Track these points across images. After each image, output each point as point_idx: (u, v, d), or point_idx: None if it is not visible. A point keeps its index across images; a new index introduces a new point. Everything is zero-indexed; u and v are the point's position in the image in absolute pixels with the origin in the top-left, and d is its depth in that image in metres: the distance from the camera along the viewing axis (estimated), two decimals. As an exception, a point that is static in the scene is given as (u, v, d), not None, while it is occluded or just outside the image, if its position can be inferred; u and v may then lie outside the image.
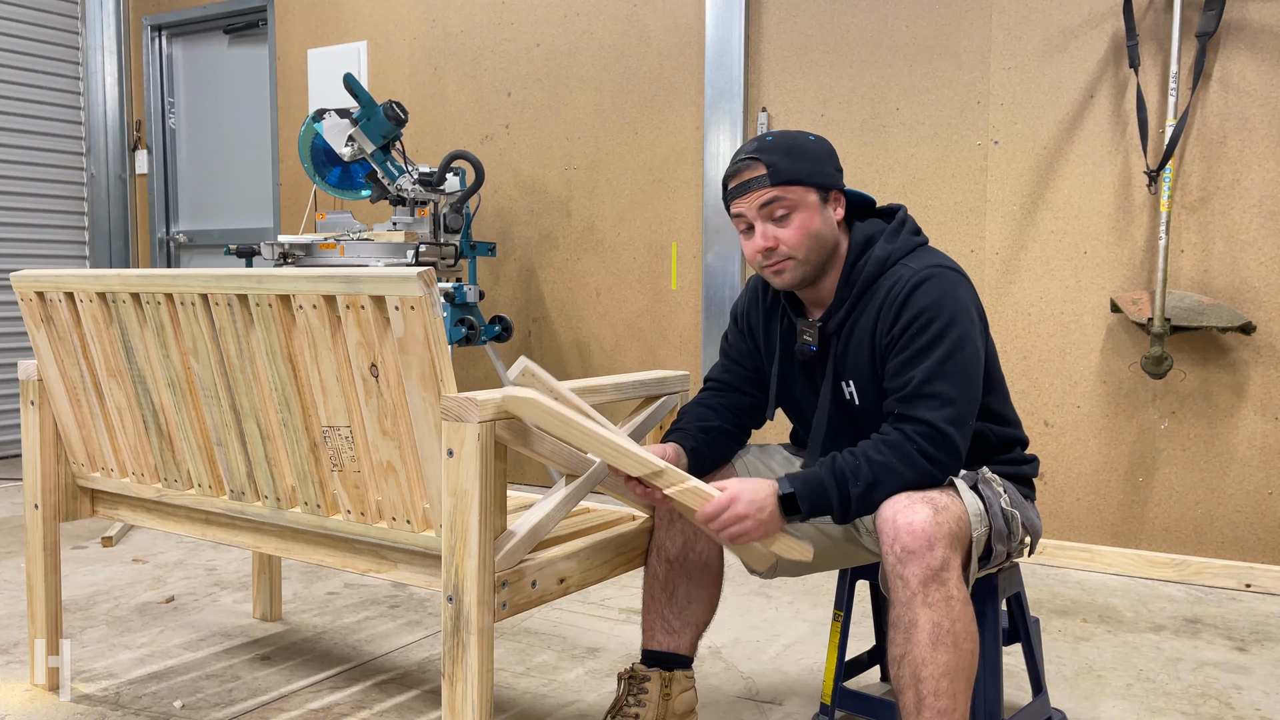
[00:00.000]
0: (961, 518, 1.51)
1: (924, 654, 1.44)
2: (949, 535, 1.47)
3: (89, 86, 5.43)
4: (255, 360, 1.69)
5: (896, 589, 1.47)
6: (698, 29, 3.89)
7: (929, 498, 1.50)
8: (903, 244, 1.69)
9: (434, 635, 2.55)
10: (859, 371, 1.69)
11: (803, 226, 1.64)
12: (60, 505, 2.15)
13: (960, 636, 1.44)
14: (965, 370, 1.58)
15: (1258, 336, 3.05)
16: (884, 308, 1.64)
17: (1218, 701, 2.20)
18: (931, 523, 1.46)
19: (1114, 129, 3.21)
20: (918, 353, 1.58)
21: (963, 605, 1.45)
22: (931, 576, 1.44)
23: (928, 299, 1.59)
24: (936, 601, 1.44)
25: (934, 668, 1.43)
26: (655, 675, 1.77)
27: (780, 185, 1.63)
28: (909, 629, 1.45)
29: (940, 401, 1.55)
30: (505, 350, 4.36)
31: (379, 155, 3.67)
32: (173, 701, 2.12)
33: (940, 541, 1.45)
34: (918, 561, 1.44)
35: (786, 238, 1.65)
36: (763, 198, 1.64)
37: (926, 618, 1.44)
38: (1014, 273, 3.36)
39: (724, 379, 1.88)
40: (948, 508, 1.50)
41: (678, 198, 3.97)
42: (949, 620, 1.44)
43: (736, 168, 1.67)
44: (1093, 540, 3.28)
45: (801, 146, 1.66)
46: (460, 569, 1.48)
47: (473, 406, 1.43)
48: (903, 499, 1.50)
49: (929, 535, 1.45)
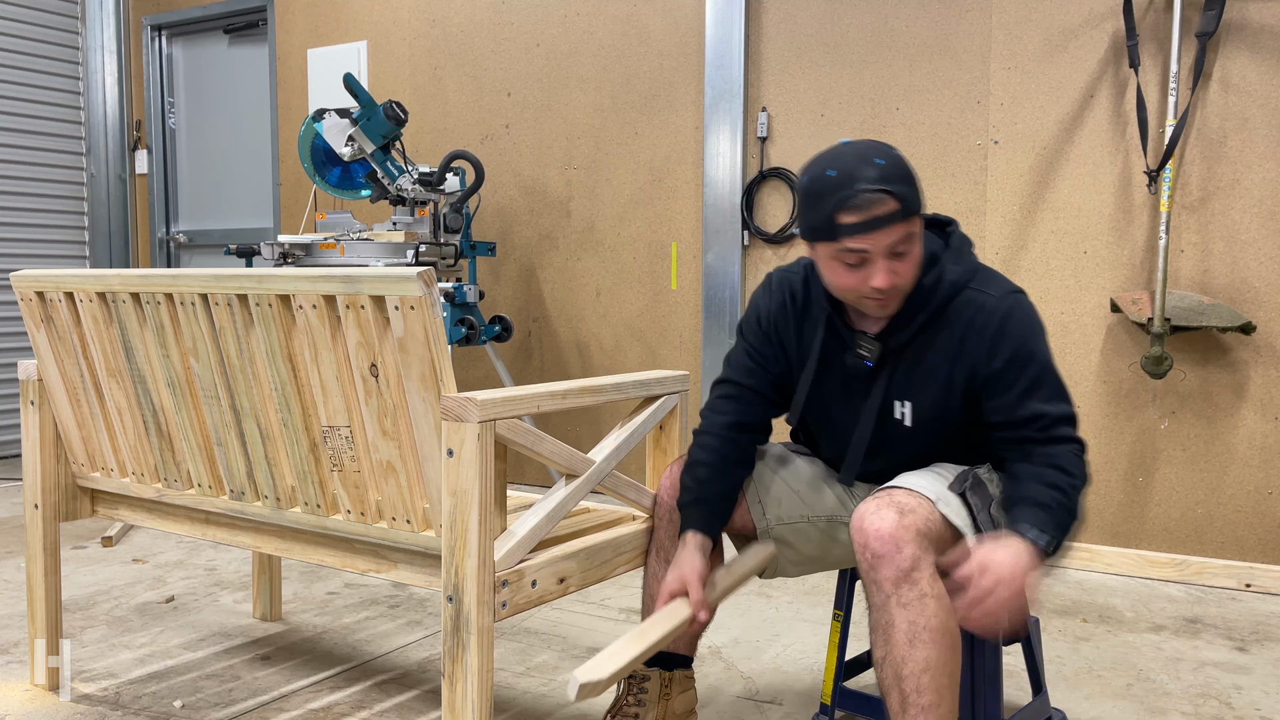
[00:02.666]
0: (929, 515, 1.52)
1: (902, 653, 1.45)
2: (916, 535, 1.48)
3: (89, 86, 5.43)
4: (255, 360, 1.69)
5: (871, 593, 1.49)
6: (698, 29, 3.89)
7: (895, 501, 1.51)
8: (968, 266, 1.65)
9: (434, 635, 2.55)
10: (922, 394, 1.65)
11: (916, 259, 1.57)
12: (60, 505, 2.15)
13: (938, 632, 1.45)
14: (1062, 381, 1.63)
15: (1258, 336, 3.05)
16: (968, 338, 1.61)
17: (1218, 701, 2.20)
18: (898, 525, 1.47)
19: (1114, 129, 3.21)
20: (1032, 385, 1.59)
21: (937, 601, 1.46)
22: (902, 577, 1.45)
23: (1024, 329, 1.61)
24: (910, 600, 1.45)
25: (913, 665, 1.44)
26: (655, 675, 1.77)
27: (910, 218, 1.53)
28: (886, 630, 1.46)
29: (1070, 420, 1.60)
30: (505, 350, 4.36)
31: (379, 155, 3.67)
32: (173, 701, 2.12)
33: (908, 542, 1.46)
34: (888, 564, 1.46)
35: (905, 271, 1.56)
36: (896, 235, 1.51)
37: (902, 617, 1.45)
38: (1014, 273, 3.36)
39: (748, 384, 1.80)
40: (914, 509, 1.51)
41: (678, 198, 3.97)
42: (924, 617, 1.44)
43: (861, 199, 1.49)
44: (1093, 540, 3.28)
45: (911, 171, 1.56)
46: (460, 569, 1.48)
47: (473, 406, 1.43)
48: (869, 505, 1.52)
49: (895, 538, 1.46)
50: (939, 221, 1.72)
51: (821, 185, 1.53)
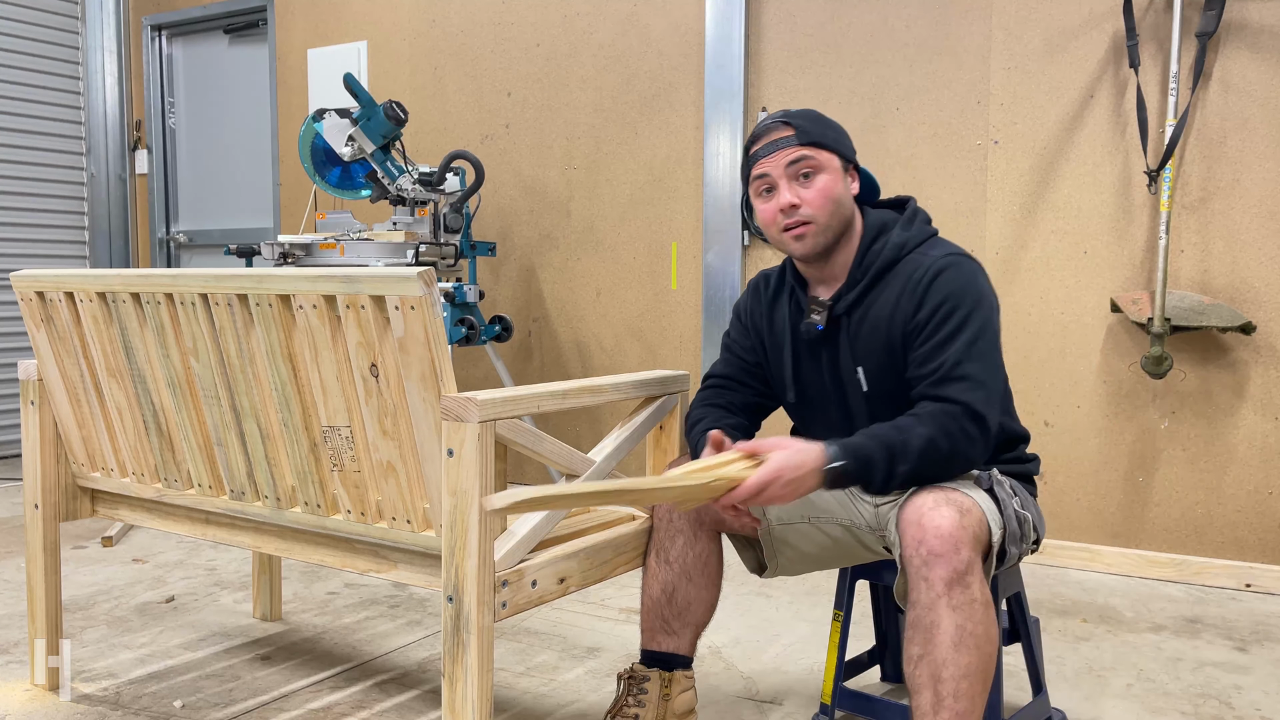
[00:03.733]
0: (982, 520, 1.51)
1: (946, 655, 1.42)
2: (973, 538, 1.46)
3: (89, 86, 5.43)
4: (255, 360, 1.69)
5: (920, 590, 1.45)
6: (698, 29, 3.89)
7: (952, 499, 1.49)
8: (918, 232, 1.72)
9: (434, 635, 2.54)
10: (871, 357, 1.69)
11: (826, 189, 1.67)
12: (60, 505, 2.15)
13: (982, 639, 1.43)
14: (992, 354, 1.60)
15: (1258, 336, 3.05)
16: (904, 294, 1.65)
17: (1218, 701, 2.20)
18: (958, 525, 1.45)
19: (1114, 129, 3.21)
20: (946, 338, 1.59)
21: (985, 608, 1.45)
22: (957, 579, 1.43)
23: (952, 285, 1.61)
24: (961, 604, 1.43)
25: (955, 669, 1.42)
26: (655, 675, 1.77)
27: (808, 145, 1.67)
28: (930, 630, 1.44)
29: (973, 384, 1.56)
30: (505, 350, 4.36)
31: (379, 155, 3.67)
32: (173, 701, 2.12)
33: (965, 544, 1.44)
34: (944, 564, 1.43)
35: (810, 198, 1.67)
36: (790, 156, 1.67)
37: (950, 620, 1.42)
38: (1014, 273, 3.36)
39: (727, 374, 1.88)
40: (970, 510, 1.49)
41: (678, 198, 3.97)
42: (972, 623, 1.43)
43: (763, 128, 1.71)
44: (1093, 540, 3.28)
45: (825, 117, 1.73)
46: (460, 569, 1.48)
47: (473, 406, 1.43)
48: (927, 500, 1.49)
49: (955, 538, 1.44)
50: (899, 201, 1.81)
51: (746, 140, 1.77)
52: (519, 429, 1.54)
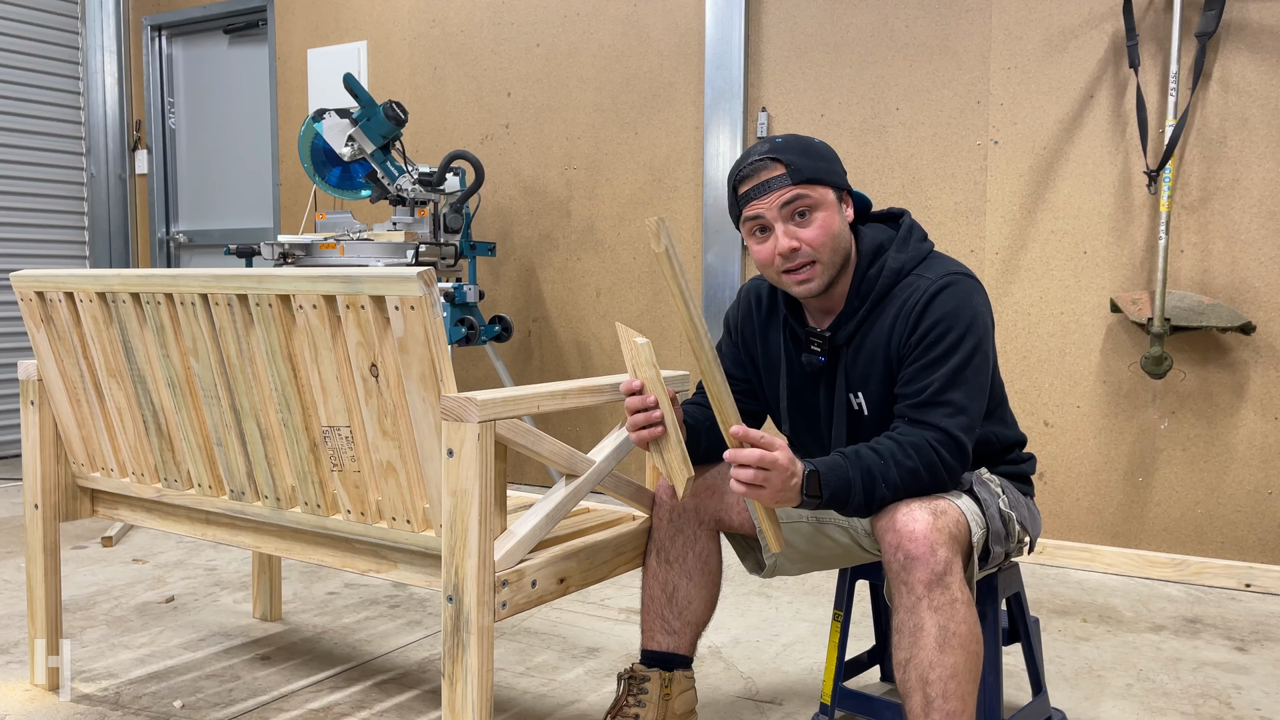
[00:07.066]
0: (960, 520, 1.52)
1: (931, 657, 1.43)
2: (949, 538, 1.47)
3: (89, 86, 5.43)
4: (255, 360, 1.69)
5: (901, 594, 1.47)
6: (698, 29, 3.89)
7: (926, 503, 1.50)
8: (914, 253, 1.68)
9: (434, 635, 2.55)
10: (869, 383, 1.67)
11: (825, 226, 1.61)
12: (60, 505, 2.15)
13: (966, 638, 1.44)
14: (978, 379, 1.59)
15: (1258, 336, 3.05)
16: (899, 318, 1.62)
17: (1218, 701, 2.20)
18: (932, 527, 1.46)
19: (1114, 129, 3.21)
20: (934, 361, 1.58)
21: (967, 607, 1.46)
22: (935, 580, 1.44)
23: (945, 307, 1.59)
24: (942, 605, 1.44)
25: (942, 670, 1.43)
26: (655, 675, 1.77)
27: (802, 184, 1.60)
28: (915, 633, 1.45)
29: (954, 409, 1.55)
30: (505, 350, 4.36)
31: (379, 155, 3.67)
32: (173, 701, 2.12)
33: (941, 545, 1.45)
34: (921, 566, 1.44)
35: (810, 238, 1.60)
36: (784, 196, 1.60)
37: (932, 621, 1.43)
38: (1014, 273, 3.36)
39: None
40: (946, 511, 1.50)
41: (678, 198, 3.97)
42: (954, 623, 1.44)
43: (751, 169, 1.62)
44: (1093, 540, 3.28)
45: (815, 146, 1.64)
46: (460, 569, 1.48)
47: (473, 406, 1.43)
48: (901, 505, 1.50)
49: (930, 540, 1.45)
50: (892, 215, 1.76)
51: (730, 172, 1.68)
52: (519, 429, 1.54)
